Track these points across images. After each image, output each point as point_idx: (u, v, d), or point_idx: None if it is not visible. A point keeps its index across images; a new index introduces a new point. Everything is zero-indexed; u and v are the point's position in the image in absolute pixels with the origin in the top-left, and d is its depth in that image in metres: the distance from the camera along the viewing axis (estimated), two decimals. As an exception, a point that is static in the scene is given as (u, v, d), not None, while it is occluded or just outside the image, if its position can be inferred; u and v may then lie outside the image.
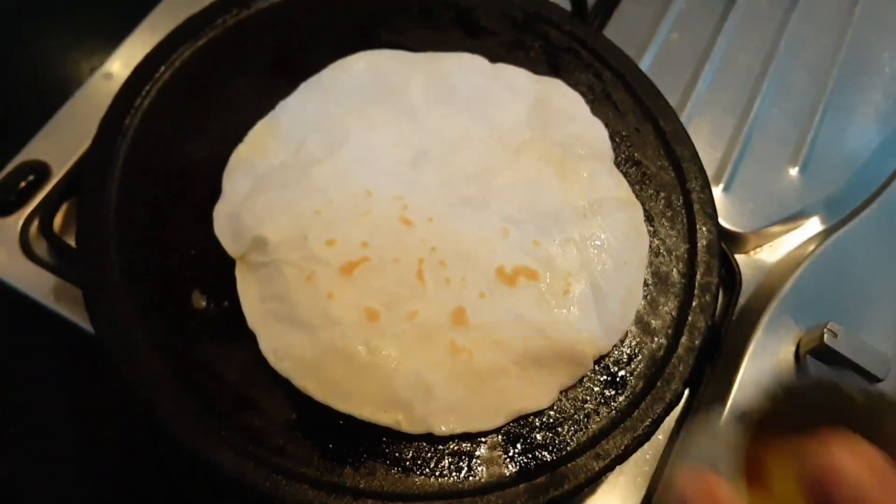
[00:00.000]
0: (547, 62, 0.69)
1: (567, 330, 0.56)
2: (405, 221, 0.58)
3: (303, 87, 0.64)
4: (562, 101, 0.67)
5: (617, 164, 0.65)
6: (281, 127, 0.62)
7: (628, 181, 0.64)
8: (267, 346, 0.54)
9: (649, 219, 0.63)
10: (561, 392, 0.55)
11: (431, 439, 0.52)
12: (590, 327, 0.56)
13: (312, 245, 0.56)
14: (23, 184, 0.65)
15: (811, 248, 0.68)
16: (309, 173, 0.59)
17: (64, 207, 0.64)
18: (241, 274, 0.56)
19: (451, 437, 0.52)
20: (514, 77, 0.67)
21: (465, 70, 0.66)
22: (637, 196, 0.63)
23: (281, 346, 0.53)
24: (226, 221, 0.58)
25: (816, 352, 0.60)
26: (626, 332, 0.58)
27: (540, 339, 0.55)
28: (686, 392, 0.62)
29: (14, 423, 0.60)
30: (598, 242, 0.60)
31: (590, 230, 0.60)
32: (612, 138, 0.66)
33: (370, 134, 0.62)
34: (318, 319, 0.54)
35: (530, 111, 0.65)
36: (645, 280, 0.60)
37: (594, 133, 0.65)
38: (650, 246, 0.61)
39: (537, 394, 0.54)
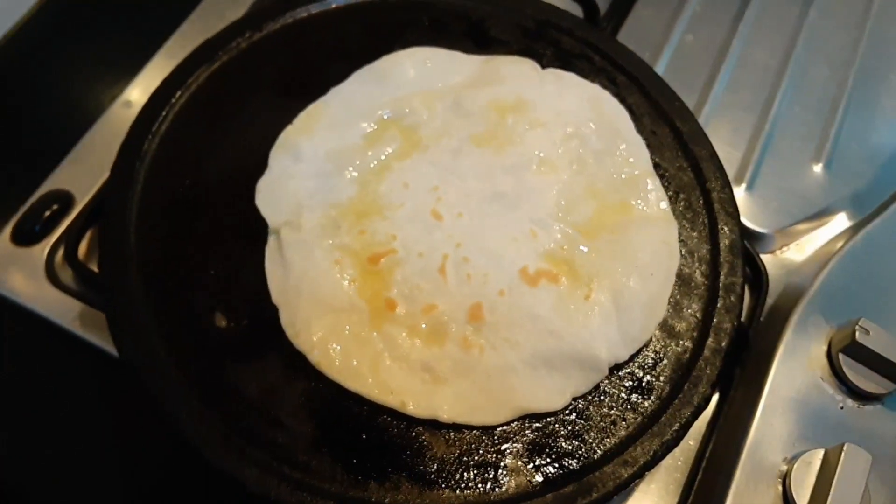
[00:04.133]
0: (560, 69, 0.69)
1: (583, 334, 0.55)
2: (436, 216, 0.59)
3: (355, 75, 0.66)
4: (609, 106, 0.67)
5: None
6: (330, 112, 0.64)
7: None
8: (287, 321, 0.55)
9: (670, 221, 0.62)
10: (579, 398, 0.55)
11: (457, 453, 0.52)
12: (607, 334, 0.56)
13: (344, 234, 0.58)
14: (47, 213, 0.67)
15: (839, 244, 0.66)
16: (353, 162, 0.61)
17: (88, 235, 0.65)
18: (270, 251, 0.58)
19: (477, 449, 0.52)
20: (563, 77, 0.68)
21: (515, 67, 0.67)
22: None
23: (300, 321, 0.55)
24: (268, 195, 0.60)
25: (849, 350, 0.58)
26: (651, 338, 0.57)
27: (553, 340, 0.55)
28: (716, 396, 0.61)
29: (43, 448, 0.61)
30: (626, 253, 0.59)
31: (620, 241, 0.60)
32: (628, 142, 0.65)
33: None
34: (338, 302, 0.55)
35: (578, 107, 0.66)
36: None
37: (635, 144, 0.65)
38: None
39: (547, 395, 0.54)
